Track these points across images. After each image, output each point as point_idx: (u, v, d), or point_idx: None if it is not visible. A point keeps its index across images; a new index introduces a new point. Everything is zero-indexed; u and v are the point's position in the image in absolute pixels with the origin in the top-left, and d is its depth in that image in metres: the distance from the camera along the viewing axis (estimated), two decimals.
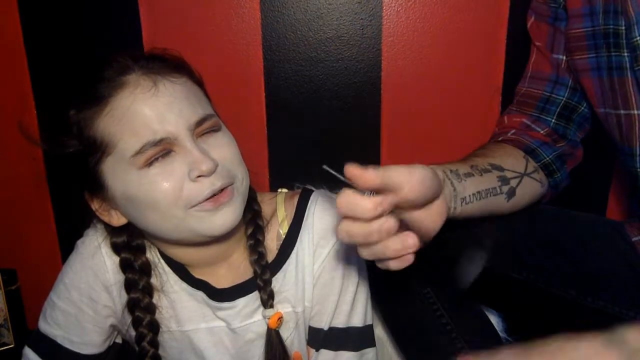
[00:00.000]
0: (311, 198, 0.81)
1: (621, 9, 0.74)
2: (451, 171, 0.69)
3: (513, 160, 0.82)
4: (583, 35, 0.81)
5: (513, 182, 0.78)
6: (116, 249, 0.78)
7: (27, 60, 1.14)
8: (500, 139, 0.90)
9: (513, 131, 0.91)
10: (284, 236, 0.80)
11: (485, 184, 0.74)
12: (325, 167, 0.53)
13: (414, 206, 0.58)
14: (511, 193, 0.78)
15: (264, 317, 0.79)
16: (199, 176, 0.67)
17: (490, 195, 0.74)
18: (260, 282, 0.78)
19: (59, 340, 0.80)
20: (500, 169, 0.78)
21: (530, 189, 0.83)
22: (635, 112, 0.77)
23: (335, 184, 1.13)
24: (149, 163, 0.67)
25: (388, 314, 0.92)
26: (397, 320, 0.91)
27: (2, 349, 1.17)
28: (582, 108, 0.91)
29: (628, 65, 0.75)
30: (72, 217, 0.77)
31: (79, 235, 0.83)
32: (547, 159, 0.87)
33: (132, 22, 1.10)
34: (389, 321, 0.93)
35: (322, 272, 0.79)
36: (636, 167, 0.80)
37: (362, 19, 1.11)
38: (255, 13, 1.11)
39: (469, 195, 0.70)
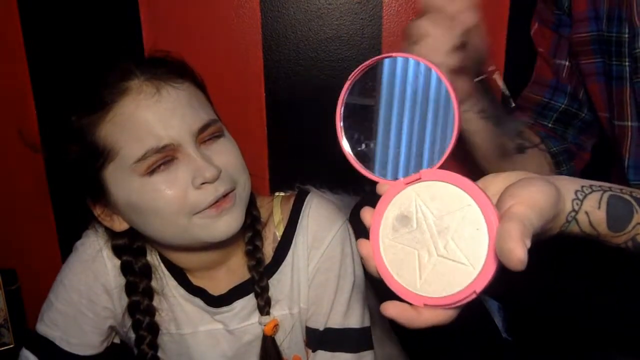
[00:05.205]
0: (306, 200, 0.81)
1: (625, 17, 0.72)
2: None
3: (531, 134, 0.83)
4: (589, 40, 0.80)
5: (527, 144, 0.79)
6: (117, 251, 0.78)
7: (27, 62, 1.14)
8: None
9: None
10: (279, 239, 0.80)
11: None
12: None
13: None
14: (521, 149, 0.78)
15: (260, 323, 0.79)
16: (203, 183, 0.67)
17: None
18: (258, 288, 0.78)
19: (57, 342, 0.80)
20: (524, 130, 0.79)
21: (538, 163, 0.83)
22: (629, 123, 0.76)
23: (336, 185, 1.11)
24: (152, 170, 0.66)
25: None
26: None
27: (2, 349, 1.17)
28: (583, 115, 0.90)
29: (628, 75, 0.74)
30: (72, 217, 0.77)
31: (79, 235, 0.83)
32: (555, 149, 0.87)
33: (132, 23, 1.10)
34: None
35: (316, 272, 0.79)
36: (627, 178, 0.79)
37: (362, 19, 1.11)
38: (255, 13, 1.10)
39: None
